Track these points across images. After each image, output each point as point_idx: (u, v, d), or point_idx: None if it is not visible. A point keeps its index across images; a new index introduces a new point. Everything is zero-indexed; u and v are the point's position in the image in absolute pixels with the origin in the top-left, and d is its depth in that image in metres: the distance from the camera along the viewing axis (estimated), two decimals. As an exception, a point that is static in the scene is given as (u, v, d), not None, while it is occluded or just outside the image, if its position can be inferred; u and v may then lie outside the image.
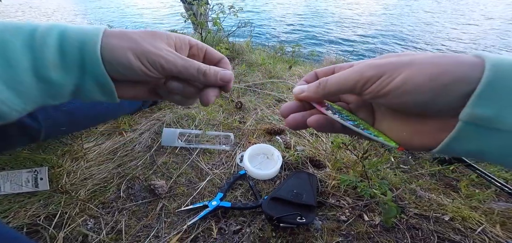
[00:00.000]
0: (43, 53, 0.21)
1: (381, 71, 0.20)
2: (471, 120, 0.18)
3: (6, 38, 0.21)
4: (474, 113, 0.17)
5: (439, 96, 0.18)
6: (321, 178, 0.74)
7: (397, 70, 0.19)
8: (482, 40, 5.82)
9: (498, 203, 0.71)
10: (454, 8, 9.27)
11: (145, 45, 0.24)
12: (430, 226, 0.62)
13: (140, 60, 0.24)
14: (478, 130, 0.18)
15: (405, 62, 0.19)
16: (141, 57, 0.24)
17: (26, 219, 0.58)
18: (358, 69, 0.21)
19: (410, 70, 0.19)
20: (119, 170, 0.74)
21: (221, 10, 2.25)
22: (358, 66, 0.22)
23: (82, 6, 10.68)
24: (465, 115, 0.18)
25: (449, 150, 0.19)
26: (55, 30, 0.22)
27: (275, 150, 0.80)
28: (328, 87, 0.23)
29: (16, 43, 0.21)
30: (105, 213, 0.63)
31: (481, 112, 0.17)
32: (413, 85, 0.19)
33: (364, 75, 0.21)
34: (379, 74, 0.20)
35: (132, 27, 3.56)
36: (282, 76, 1.60)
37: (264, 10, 9.09)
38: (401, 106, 0.20)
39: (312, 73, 0.29)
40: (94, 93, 0.25)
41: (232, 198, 0.68)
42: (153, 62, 0.24)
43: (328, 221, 0.63)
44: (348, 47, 5.50)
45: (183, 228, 0.59)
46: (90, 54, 0.22)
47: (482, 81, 0.17)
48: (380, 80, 0.20)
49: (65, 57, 0.22)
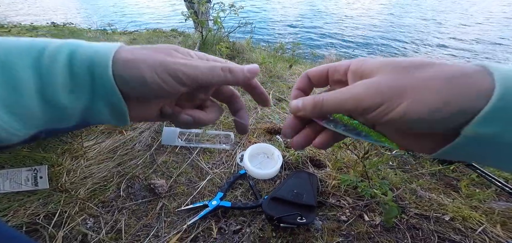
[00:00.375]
0: (51, 75, 0.20)
1: (380, 101, 0.19)
2: (473, 136, 0.18)
3: (12, 61, 0.19)
4: (477, 131, 0.17)
5: (441, 123, 0.18)
6: (322, 178, 0.74)
7: (397, 100, 0.18)
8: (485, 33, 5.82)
9: (498, 202, 0.71)
10: (454, 7, 9.26)
11: (160, 56, 0.22)
12: (431, 226, 0.62)
13: (157, 72, 0.21)
14: (478, 142, 0.18)
15: (405, 87, 0.18)
16: (159, 69, 0.21)
17: (25, 217, 0.58)
18: (355, 94, 0.20)
19: (411, 99, 0.18)
20: (119, 169, 0.74)
21: (222, 9, 2.24)
22: (355, 90, 0.20)
23: (84, 5, 10.68)
24: (467, 132, 0.18)
25: (446, 155, 0.20)
26: (65, 49, 0.20)
27: (275, 149, 0.80)
28: (325, 109, 0.22)
29: (22, 65, 0.19)
30: (104, 212, 0.62)
31: (484, 131, 0.17)
32: (415, 115, 0.18)
33: (362, 104, 0.20)
34: (377, 104, 0.19)
35: (132, 26, 3.52)
36: (283, 75, 1.60)
37: (265, 9, 9.08)
38: (401, 129, 0.21)
39: (304, 77, 0.27)
40: (104, 115, 0.22)
41: (232, 198, 0.68)
42: (174, 72, 0.22)
43: (328, 221, 0.62)
44: (348, 45, 5.50)
45: (183, 227, 0.59)
46: (101, 69, 0.21)
47: (490, 105, 0.16)
48: (379, 109, 0.19)
49: (75, 79, 0.20)
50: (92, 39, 2.48)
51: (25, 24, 3.36)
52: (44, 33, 2.70)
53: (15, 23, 3.35)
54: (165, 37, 2.72)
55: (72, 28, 3.13)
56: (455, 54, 5.09)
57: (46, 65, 0.20)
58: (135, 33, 3.11)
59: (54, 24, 3.32)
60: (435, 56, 4.93)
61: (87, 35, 2.64)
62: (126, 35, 2.84)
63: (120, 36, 2.78)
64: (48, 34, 2.62)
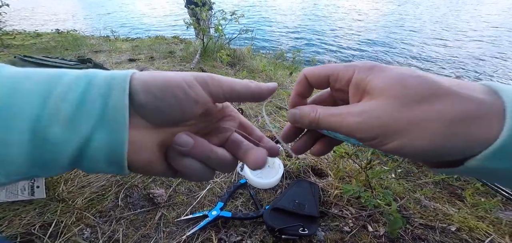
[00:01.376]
0: (59, 107, 0.17)
1: (374, 135, 0.18)
2: (478, 168, 0.16)
3: (18, 85, 0.17)
4: (483, 165, 0.16)
5: (440, 157, 0.17)
6: (323, 187, 0.73)
7: (392, 136, 0.18)
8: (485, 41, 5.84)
9: (505, 212, 0.69)
10: (453, 14, 9.35)
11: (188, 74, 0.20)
12: (436, 237, 0.60)
13: (186, 80, 0.20)
14: (484, 172, 0.17)
15: (404, 124, 0.17)
16: (187, 77, 0.20)
17: (20, 228, 0.57)
18: (351, 124, 0.19)
19: (406, 138, 0.17)
20: (117, 177, 0.73)
21: (223, 16, 2.27)
22: (351, 119, 0.19)
23: (87, 13, 10.86)
24: (472, 165, 0.16)
25: (452, 174, 0.19)
26: (82, 83, 0.18)
27: (276, 158, 0.79)
28: (320, 127, 0.22)
29: (30, 87, 0.17)
30: (102, 222, 0.61)
31: (491, 166, 0.16)
32: (409, 152, 0.17)
33: (356, 134, 0.19)
34: (371, 137, 0.19)
35: (134, 33, 3.55)
36: (283, 83, 1.60)
37: (265, 17, 9.20)
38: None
39: (303, 81, 0.25)
40: (100, 153, 0.18)
41: (233, 208, 0.67)
42: (203, 80, 0.20)
43: (331, 232, 0.61)
44: (349, 52, 5.53)
45: (183, 238, 0.57)
46: (118, 82, 0.18)
47: (499, 141, 0.15)
48: (373, 142, 0.19)
49: (84, 104, 0.18)
50: (95, 45, 2.50)
51: (29, 31, 3.41)
52: (48, 40, 2.73)
53: (20, 30, 3.40)
54: (166, 44, 2.75)
55: (76, 35, 3.17)
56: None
57: (58, 95, 0.17)
58: (137, 40, 3.14)
59: (58, 31, 3.37)
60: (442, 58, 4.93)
61: (90, 42, 2.66)
62: (128, 42, 2.87)
63: (122, 42, 2.81)
64: (52, 41, 2.65)
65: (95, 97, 0.18)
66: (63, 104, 0.17)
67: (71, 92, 0.18)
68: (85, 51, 2.29)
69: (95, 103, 0.18)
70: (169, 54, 2.23)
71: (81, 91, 0.18)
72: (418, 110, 0.17)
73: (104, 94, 0.18)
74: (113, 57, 2.15)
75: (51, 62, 1.04)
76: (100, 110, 0.18)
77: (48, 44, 2.48)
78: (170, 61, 2.06)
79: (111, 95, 0.18)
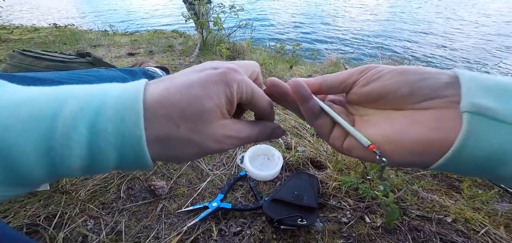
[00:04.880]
0: (64, 160, 0.16)
1: (369, 67, 0.23)
2: (476, 110, 0.16)
3: (11, 142, 0.15)
4: (475, 102, 0.16)
5: (425, 79, 0.19)
6: (322, 179, 0.74)
7: (382, 66, 0.22)
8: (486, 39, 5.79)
9: (501, 204, 0.70)
10: (454, 8, 9.23)
11: (208, 143, 0.19)
12: (433, 228, 0.61)
13: (207, 154, 0.21)
14: (491, 123, 0.16)
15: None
16: (209, 153, 0.21)
17: (26, 219, 0.58)
18: (349, 69, 0.24)
19: (393, 67, 0.21)
20: (119, 170, 0.74)
21: (222, 10, 2.25)
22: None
23: (85, 6, 10.74)
24: (466, 105, 0.16)
25: (466, 154, 0.16)
26: (83, 122, 0.16)
27: (275, 151, 0.80)
28: (326, 80, 0.25)
29: (25, 149, 0.15)
30: (105, 213, 0.62)
31: (483, 102, 0.16)
32: (401, 70, 0.20)
33: (363, 66, 0.23)
34: (374, 66, 0.22)
35: (133, 27, 3.51)
36: (283, 76, 1.60)
37: (265, 10, 9.09)
38: (391, 87, 0.20)
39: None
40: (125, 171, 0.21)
41: (233, 199, 0.68)
42: (221, 152, 0.21)
43: (329, 223, 0.62)
44: (349, 47, 5.49)
45: (183, 229, 0.59)
46: (132, 149, 0.17)
47: (461, 79, 0.18)
48: (375, 69, 0.22)
49: (96, 162, 0.17)
50: (94, 40, 2.49)
51: (27, 25, 3.38)
52: (46, 34, 2.71)
53: (17, 25, 3.37)
54: (165, 38, 2.73)
55: (74, 29, 3.15)
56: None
57: (60, 146, 0.16)
58: (136, 34, 3.12)
59: (56, 26, 3.34)
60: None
61: (88, 37, 2.65)
62: (127, 36, 2.85)
63: (121, 37, 2.79)
64: (50, 35, 2.63)
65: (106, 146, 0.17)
66: (71, 158, 0.16)
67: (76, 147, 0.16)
68: (84, 45, 2.27)
69: (108, 154, 0.17)
70: (168, 48, 2.22)
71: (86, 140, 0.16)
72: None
73: (116, 145, 0.17)
74: (112, 51, 2.14)
75: (50, 56, 1.04)
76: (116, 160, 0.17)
77: (46, 39, 2.46)
78: (169, 55, 2.05)
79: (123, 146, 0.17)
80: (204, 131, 0.19)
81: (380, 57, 2.96)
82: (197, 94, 0.18)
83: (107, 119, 0.16)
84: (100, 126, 0.16)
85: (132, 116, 0.17)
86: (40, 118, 0.15)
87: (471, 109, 0.16)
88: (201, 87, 0.19)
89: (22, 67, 0.97)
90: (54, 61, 1.01)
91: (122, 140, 0.17)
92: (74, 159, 0.16)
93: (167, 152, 0.18)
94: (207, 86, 0.19)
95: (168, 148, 0.18)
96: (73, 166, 0.16)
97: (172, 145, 0.18)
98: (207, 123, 0.19)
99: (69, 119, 0.16)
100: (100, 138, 0.16)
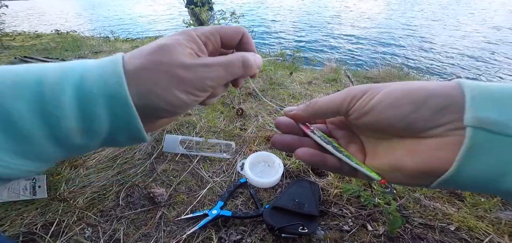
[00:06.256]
0: (59, 121, 0.17)
1: (365, 89, 0.21)
2: (478, 124, 0.16)
3: (7, 107, 0.16)
4: (478, 116, 0.16)
5: (418, 109, 0.18)
6: (323, 187, 0.73)
7: (379, 88, 0.21)
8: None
9: (505, 212, 0.69)
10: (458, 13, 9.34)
11: (180, 72, 0.20)
12: (435, 236, 0.61)
13: (189, 91, 0.20)
14: (492, 137, 0.16)
15: (387, 84, 0.21)
16: (189, 88, 0.20)
17: (22, 227, 0.57)
18: (345, 90, 0.23)
19: (389, 87, 0.20)
20: (118, 177, 0.74)
21: (222, 16, 2.27)
22: (346, 89, 0.23)
23: (87, 13, 10.88)
24: (470, 119, 0.16)
25: (463, 174, 0.17)
26: (69, 86, 0.17)
27: (276, 157, 0.79)
28: (318, 106, 0.24)
29: (21, 111, 0.16)
30: (103, 221, 0.62)
31: (486, 115, 0.16)
32: (393, 99, 0.19)
33: (350, 93, 0.22)
34: (364, 91, 0.21)
35: (134, 34, 3.56)
36: (283, 83, 1.60)
37: (265, 16, 9.20)
38: (385, 122, 0.20)
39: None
40: (121, 142, 0.21)
41: (233, 207, 0.67)
42: (202, 88, 0.21)
43: (330, 231, 0.61)
44: (349, 53, 5.53)
45: (183, 237, 0.58)
46: (121, 109, 0.18)
47: (467, 91, 0.17)
48: (364, 96, 0.21)
49: (90, 123, 0.18)
50: (95, 46, 2.51)
51: (29, 32, 3.41)
52: (48, 41, 2.74)
53: (19, 32, 3.41)
54: (166, 45, 2.75)
55: (75, 35, 3.18)
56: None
57: (51, 108, 0.16)
58: (137, 40, 3.15)
59: (58, 32, 3.37)
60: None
61: (90, 43, 2.67)
62: (128, 43, 2.88)
63: (122, 43, 2.81)
64: (52, 42, 2.65)
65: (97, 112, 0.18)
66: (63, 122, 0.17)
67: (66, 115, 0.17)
68: (85, 51, 2.29)
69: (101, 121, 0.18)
70: (169, 55, 2.24)
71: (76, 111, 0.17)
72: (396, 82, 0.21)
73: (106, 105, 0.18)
74: (113, 57, 2.15)
75: (51, 62, 1.04)
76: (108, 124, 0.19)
77: (48, 45, 2.49)
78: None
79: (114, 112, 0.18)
80: (167, 60, 0.19)
81: (380, 65, 2.98)
82: (157, 42, 0.21)
83: (92, 84, 0.18)
84: (86, 88, 0.17)
85: (114, 78, 0.18)
86: (24, 85, 0.16)
87: (474, 124, 0.16)
88: (166, 38, 0.21)
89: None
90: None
91: (110, 101, 0.18)
92: (70, 120, 0.17)
93: (147, 101, 0.19)
94: (168, 36, 0.21)
95: (140, 84, 0.19)
96: (71, 127, 0.17)
97: (142, 77, 0.19)
98: (167, 53, 0.20)
99: (54, 84, 0.17)
100: (88, 99, 0.17)
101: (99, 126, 0.18)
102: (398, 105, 0.19)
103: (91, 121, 0.18)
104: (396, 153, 0.20)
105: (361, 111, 0.21)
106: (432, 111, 0.18)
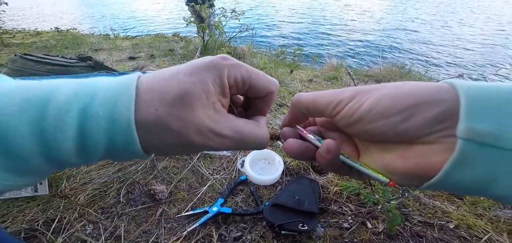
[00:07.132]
0: (57, 142, 0.16)
1: (353, 94, 0.20)
2: (471, 136, 0.15)
3: (8, 124, 0.15)
4: (472, 128, 0.15)
5: (409, 117, 0.17)
6: (323, 184, 0.73)
7: (368, 93, 0.19)
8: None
9: (504, 210, 0.70)
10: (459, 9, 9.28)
11: (193, 137, 0.18)
12: (435, 234, 0.61)
13: (192, 152, 0.20)
14: (484, 150, 0.15)
15: (376, 87, 0.19)
16: (195, 150, 0.19)
17: (24, 224, 0.58)
18: (330, 92, 0.21)
19: (378, 92, 0.19)
20: (119, 174, 0.74)
21: (223, 14, 2.27)
22: (333, 90, 0.21)
23: (87, 10, 10.84)
24: (463, 131, 0.16)
25: (451, 180, 0.17)
26: (76, 107, 0.16)
27: (276, 155, 0.80)
28: (303, 100, 0.23)
29: (20, 129, 0.15)
30: (104, 218, 0.62)
31: (480, 127, 0.15)
32: (382, 107, 0.18)
33: (336, 97, 0.20)
34: (351, 97, 0.20)
35: (134, 31, 3.55)
36: (284, 80, 1.60)
37: (266, 14, 9.16)
38: (375, 131, 0.19)
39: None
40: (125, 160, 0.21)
41: (233, 204, 0.67)
42: (207, 149, 0.20)
43: (330, 228, 0.61)
44: (350, 51, 5.51)
45: (183, 234, 0.58)
46: (124, 142, 0.17)
47: (462, 95, 0.16)
48: (350, 103, 0.20)
49: (89, 150, 0.17)
50: (95, 44, 2.50)
51: (29, 30, 3.41)
52: (47, 38, 2.73)
53: (19, 29, 3.40)
54: (167, 42, 2.75)
55: (75, 33, 3.17)
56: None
57: (52, 129, 0.16)
58: (137, 38, 3.14)
59: (58, 30, 3.36)
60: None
61: (90, 40, 2.67)
62: (128, 40, 2.87)
63: (122, 41, 2.81)
64: (52, 39, 2.65)
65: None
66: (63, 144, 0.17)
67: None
68: (85, 49, 2.29)
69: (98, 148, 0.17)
70: (169, 52, 2.24)
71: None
72: (386, 84, 0.20)
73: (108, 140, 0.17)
74: (113, 55, 2.15)
75: (51, 60, 1.04)
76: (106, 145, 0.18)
77: (48, 43, 2.48)
78: (170, 59, 2.06)
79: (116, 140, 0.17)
80: (186, 118, 0.18)
81: (381, 63, 2.97)
82: (181, 79, 0.18)
83: (100, 104, 0.17)
84: (92, 110, 0.17)
85: (124, 101, 0.17)
86: (33, 101, 0.16)
87: (467, 136, 0.16)
88: (188, 73, 0.18)
89: (24, 71, 0.97)
90: (55, 65, 1.02)
91: (113, 125, 0.17)
92: (66, 142, 0.16)
93: (150, 138, 0.18)
94: (194, 71, 0.18)
95: (150, 134, 0.18)
96: (66, 148, 0.17)
97: (153, 131, 0.18)
98: (189, 109, 0.18)
99: (62, 103, 0.16)
100: (91, 121, 0.17)
101: (95, 148, 0.17)
102: (388, 115, 0.18)
103: (87, 142, 0.17)
104: (388, 156, 0.20)
105: (349, 120, 0.20)
106: (424, 120, 0.17)
